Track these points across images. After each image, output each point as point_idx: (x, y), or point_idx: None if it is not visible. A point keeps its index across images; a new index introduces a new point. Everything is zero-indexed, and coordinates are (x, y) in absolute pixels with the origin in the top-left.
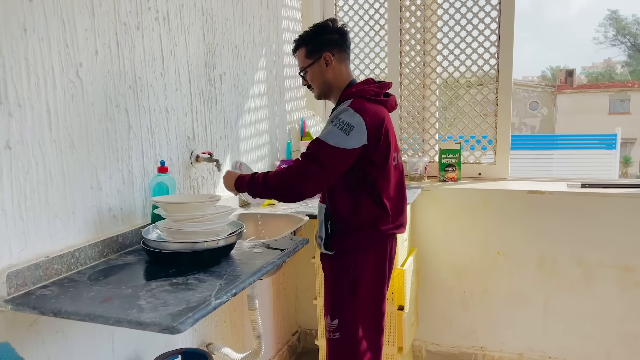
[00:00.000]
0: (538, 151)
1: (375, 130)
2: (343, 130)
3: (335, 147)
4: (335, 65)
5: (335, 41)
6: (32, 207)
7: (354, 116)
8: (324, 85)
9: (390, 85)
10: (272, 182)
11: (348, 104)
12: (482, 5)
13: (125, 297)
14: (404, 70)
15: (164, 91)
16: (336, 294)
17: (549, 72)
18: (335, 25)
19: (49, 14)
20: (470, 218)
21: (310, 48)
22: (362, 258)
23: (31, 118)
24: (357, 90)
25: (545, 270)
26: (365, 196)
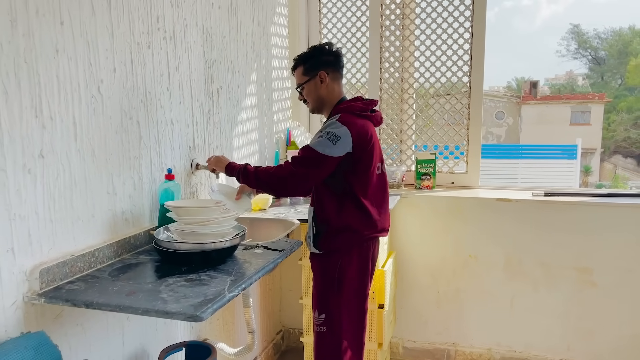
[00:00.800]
0: (505, 160)
1: (360, 142)
2: (331, 140)
3: (322, 154)
4: (329, 83)
5: (330, 62)
6: (60, 210)
7: (341, 128)
8: (318, 100)
9: (377, 102)
10: (263, 177)
11: (337, 118)
12: (455, 28)
13: (148, 291)
14: (384, 85)
15: (169, 104)
16: (323, 291)
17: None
18: (331, 48)
19: (77, 36)
20: (444, 223)
21: (307, 66)
22: (346, 258)
23: (60, 130)
24: (345, 107)
25: (512, 271)
26: (349, 201)
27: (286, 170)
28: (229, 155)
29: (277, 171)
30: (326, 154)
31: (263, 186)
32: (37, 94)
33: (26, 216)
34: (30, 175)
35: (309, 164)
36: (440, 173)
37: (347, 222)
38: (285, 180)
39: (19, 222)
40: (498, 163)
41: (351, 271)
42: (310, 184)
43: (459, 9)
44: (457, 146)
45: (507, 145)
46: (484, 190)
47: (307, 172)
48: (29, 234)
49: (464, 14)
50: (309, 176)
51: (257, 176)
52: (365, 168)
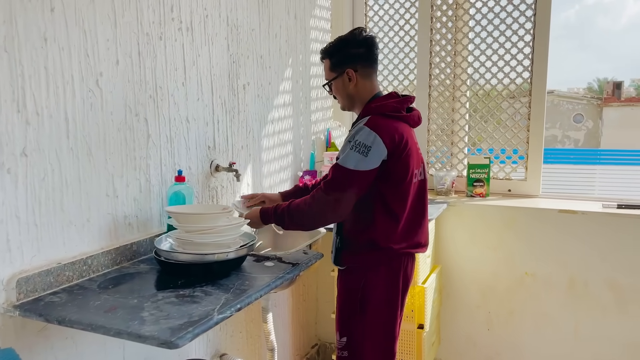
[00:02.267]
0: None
1: (394, 147)
2: (361, 152)
3: (355, 170)
4: (359, 80)
5: (360, 55)
6: (47, 213)
7: (370, 135)
8: (347, 98)
9: (413, 99)
10: (298, 215)
11: (364, 122)
12: (515, 17)
13: (130, 308)
14: (434, 81)
15: (185, 101)
16: (345, 311)
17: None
18: (361, 37)
19: (71, 24)
20: (497, 236)
21: (334, 61)
22: (372, 277)
23: (49, 126)
24: (376, 106)
25: (576, 293)
26: (379, 213)
27: (319, 200)
28: (257, 156)
29: (310, 205)
30: (359, 169)
31: (300, 225)
32: (20, 86)
33: (4, 220)
34: (10, 175)
35: (342, 186)
36: (495, 179)
37: (375, 235)
38: (320, 213)
39: None
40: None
41: (378, 292)
42: (349, 207)
43: None
44: (515, 150)
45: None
46: (545, 199)
47: (342, 196)
48: (7, 239)
49: (524, 13)
50: (346, 199)
51: (290, 216)
52: (400, 177)
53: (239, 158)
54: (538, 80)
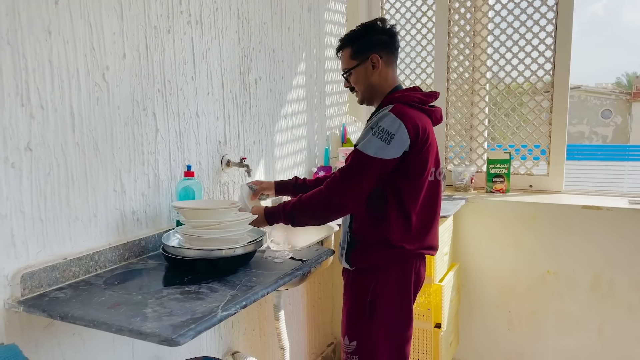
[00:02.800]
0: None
1: (417, 138)
2: (383, 139)
3: (375, 157)
4: (383, 68)
5: (385, 42)
6: (52, 208)
7: (395, 122)
8: (368, 88)
9: (438, 95)
10: (311, 207)
11: (389, 109)
12: (537, 7)
13: (134, 304)
14: (452, 75)
15: (194, 95)
16: (354, 314)
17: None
18: (384, 25)
19: (75, 17)
20: (517, 233)
21: (356, 48)
22: (383, 277)
23: (54, 120)
24: (400, 96)
25: (601, 292)
26: (393, 210)
27: (335, 188)
28: (270, 152)
29: (325, 195)
30: (379, 156)
31: (312, 218)
32: (24, 79)
33: (8, 215)
34: (14, 169)
35: (361, 173)
36: (516, 175)
37: (388, 234)
38: (336, 202)
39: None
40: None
41: (389, 294)
42: (365, 196)
43: None
44: (536, 144)
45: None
46: (568, 195)
47: (360, 183)
48: (12, 234)
49: (546, 2)
50: (363, 187)
51: (303, 212)
52: (418, 172)
53: (250, 153)
54: (561, 73)
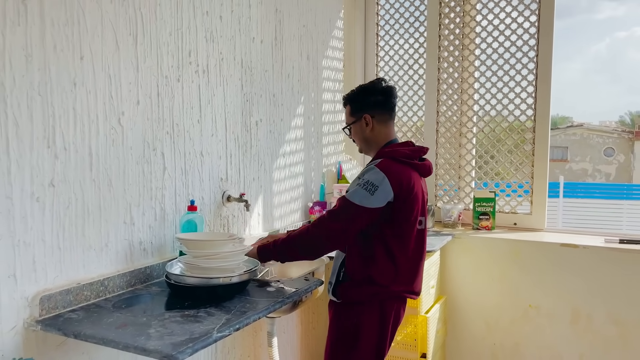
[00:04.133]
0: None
1: (400, 190)
2: (368, 190)
3: (359, 205)
4: (375, 125)
5: (379, 103)
6: (69, 238)
7: (379, 175)
8: (363, 142)
9: (427, 150)
10: (298, 242)
11: (375, 164)
12: (519, 57)
13: (139, 325)
14: (441, 118)
15: (199, 136)
16: (336, 345)
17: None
18: (381, 86)
19: (97, 70)
20: (501, 268)
21: (354, 107)
22: (367, 313)
23: (74, 160)
24: (389, 151)
25: (580, 326)
26: (381, 253)
27: (321, 227)
28: (268, 187)
29: (311, 231)
30: (363, 205)
31: (299, 253)
32: (51, 125)
33: (31, 243)
34: (38, 203)
35: (345, 218)
36: (501, 213)
37: (375, 273)
38: (321, 241)
39: (23, 249)
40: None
41: (371, 328)
42: (348, 239)
43: (522, 38)
44: (520, 185)
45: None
46: (550, 233)
47: (343, 227)
48: (33, 260)
49: (528, 42)
50: (346, 231)
51: (289, 245)
52: (403, 219)
53: (250, 189)
54: (541, 118)
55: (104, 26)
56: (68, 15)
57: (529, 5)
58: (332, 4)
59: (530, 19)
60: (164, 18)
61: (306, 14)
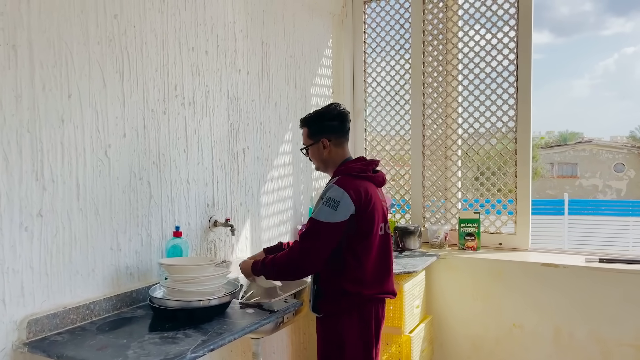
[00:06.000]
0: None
1: (360, 202)
2: (330, 206)
3: (325, 222)
4: (332, 148)
5: (334, 127)
6: (57, 264)
7: (339, 191)
8: (320, 162)
9: (378, 162)
10: (279, 264)
11: (334, 182)
12: (499, 82)
13: (119, 347)
14: (426, 141)
15: (186, 165)
16: (326, 356)
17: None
18: (335, 111)
19: (85, 106)
20: (485, 288)
21: (311, 131)
22: (347, 321)
23: (62, 191)
24: (344, 168)
25: (562, 345)
26: (350, 262)
27: (296, 249)
28: (256, 212)
29: (288, 253)
30: (329, 221)
31: (282, 274)
32: (39, 159)
33: (20, 270)
34: (27, 232)
35: (315, 236)
36: (487, 233)
37: (347, 283)
38: (297, 261)
39: (12, 276)
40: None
41: (352, 336)
42: (322, 256)
43: (502, 64)
44: (504, 205)
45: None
46: (534, 253)
47: (315, 245)
48: (22, 286)
49: (507, 68)
50: (319, 248)
51: (273, 266)
52: (367, 229)
53: (237, 214)
54: (522, 141)
55: (91, 66)
56: (57, 57)
57: (508, 33)
58: (320, 34)
59: (509, 46)
60: (150, 55)
61: (293, 45)
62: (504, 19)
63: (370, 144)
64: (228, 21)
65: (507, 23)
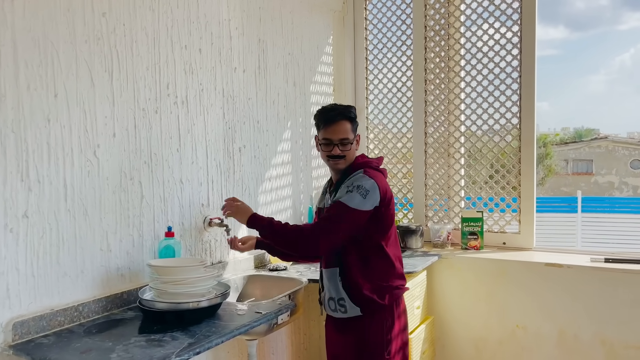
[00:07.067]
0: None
1: (385, 194)
2: (362, 195)
3: (354, 208)
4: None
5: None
6: (44, 266)
7: (369, 182)
8: (351, 157)
9: (382, 159)
10: (288, 229)
11: (362, 173)
12: (502, 78)
13: (103, 350)
14: (429, 139)
15: (179, 165)
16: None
17: None
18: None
19: (72, 106)
20: (488, 288)
21: (354, 126)
22: (389, 317)
23: (49, 192)
24: (364, 162)
25: (567, 347)
26: (376, 257)
27: (313, 224)
28: None
29: (302, 225)
30: (358, 208)
31: (282, 237)
32: (24, 159)
33: (5, 272)
34: (12, 234)
35: (340, 219)
36: (490, 232)
37: (379, 277)
38: (310, 233)
39: None
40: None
41: (396, 329)
42: (337, 239)
43: (505, 59)
44: (508, 204)
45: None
46: (539, 252)
47: (337, 226)
48: (7, 288)
49: (511, 64)
50: (338, 231)
51: (278, 227)
52: (389, 222)
53: None
54: (526, 138)
55: (78, 65)
56: (42, 56)
57: (511, 28)
58: (320, 31)
59: (512, 41)
60: (141, 54)
61: (292, 42)
62: (507, 13)
63: (372, 141)
64: (223, 19)
65: (511, 17)
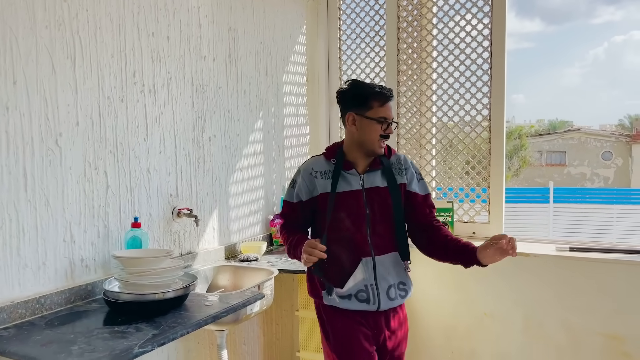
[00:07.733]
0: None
1: None
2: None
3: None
4: None
5: None
6: (3, 257)
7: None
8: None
9: None
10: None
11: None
12: (473, 70)
13: (64, 342)
14: (401, 130)
15: (146, 154)
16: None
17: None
18: None
19: (32, 93)
20: (458, 277)
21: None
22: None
23: (7, 181)
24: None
25: (532, 333)
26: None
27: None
28: (224, 202)
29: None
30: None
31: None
32: None
33: None
34: None
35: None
36: (460, 222)
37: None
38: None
39: None
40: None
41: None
42: None
43: (476, 51)
44: (478, 195)
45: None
46: None
47: None
48: None
49: (482, 55)
50: None
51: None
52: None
53: (203, 204)
54: (496, 129)
55: (38, 51)
56: (0, 42)
57: (482, 20)
58: (293, 20)
59: (483, 33)
60: (105, 41)
61: (263, 30)
62: (478, 5)
63: (344, 132)
64: (192, 6)
65: (482, 9)
